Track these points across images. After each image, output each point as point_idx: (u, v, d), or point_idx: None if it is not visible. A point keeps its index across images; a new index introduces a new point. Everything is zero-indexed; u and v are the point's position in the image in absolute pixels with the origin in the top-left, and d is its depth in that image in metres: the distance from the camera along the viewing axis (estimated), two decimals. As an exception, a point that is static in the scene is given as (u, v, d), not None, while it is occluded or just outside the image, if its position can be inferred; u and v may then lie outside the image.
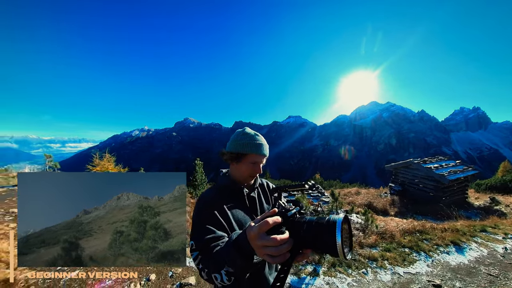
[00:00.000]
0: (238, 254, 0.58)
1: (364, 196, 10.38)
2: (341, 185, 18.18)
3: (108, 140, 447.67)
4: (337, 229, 0.43)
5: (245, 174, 0.99)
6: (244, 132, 0.99)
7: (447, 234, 4.00)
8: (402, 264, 3.08)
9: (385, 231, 3.82)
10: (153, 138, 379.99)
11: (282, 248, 0.48)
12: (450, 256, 3.39)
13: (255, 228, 0.50)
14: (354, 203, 9.31)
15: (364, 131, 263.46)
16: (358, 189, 12.83)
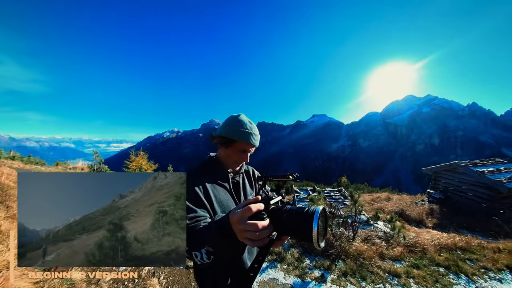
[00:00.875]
0: (220, 235, 0.61)
1: (396, 203, 9.35)
2: (370, 189, 16.72)
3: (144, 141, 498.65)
4: (314, 218, 0.49)
5: (232, 161, 1.01)
6: (238, 118, 0.97)
7: (502, 256, 3.24)
8: (433, 286, 2.60)
9: (415, 243, 3.33)
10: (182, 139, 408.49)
11: (262, 233, 0.52)
12: (503, 285, 2.72)
13: (238, 213, 0.54)
14: (382, 210, 8.46)
15: (399, 130, 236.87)
16: (389, 195, 11.63)
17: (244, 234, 0.53)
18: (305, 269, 2.90)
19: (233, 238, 0.59)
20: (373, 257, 2.95)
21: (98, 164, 13.06)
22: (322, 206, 0.53)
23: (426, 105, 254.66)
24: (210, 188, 0.93)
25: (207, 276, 0.95)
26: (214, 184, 0.96)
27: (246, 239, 0.54)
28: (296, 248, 3.53)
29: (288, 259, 3.19)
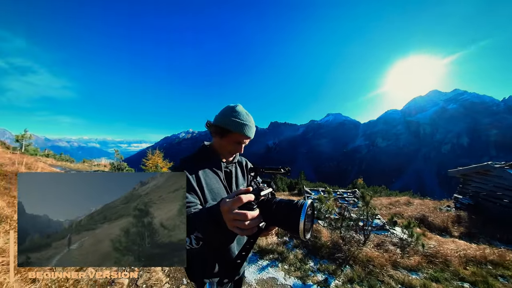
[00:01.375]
0: (210, 222, 0.63)
1: (417, 208, 8.65)
2: (388, 192, 15.70)
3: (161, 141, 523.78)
4: (302, 211, 0.51)
5: (226, 151, 1.02)
6: (235, 109, 0.96)
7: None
8: (456, 303, 2.31)
9: (436, 253, 2.99)
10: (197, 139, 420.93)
11: (251, 223, 0.54)
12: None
13: (229, 202, 0.56)
14: (401, 215, 7.88)
15: (422, 128, 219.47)
16: (410, 199, 10.82)
17: (234, 223, 0.55)
18: (307, 271, 2.75)
19: (223, 226, 0.60)
20: (385, 265, 2.69)
21: (118, 162, 14.27)
22: (310, 200, 0.55)
23: (453, 100, 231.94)
24: (202, 175, 0.95)
25: (195, 261, 0.97)
26: (206, 172, 0.98)
27: (235, 228, 0.55)
28: (300, 249, 3.39)
29: (290, 259, 3.06)
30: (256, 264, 3.00)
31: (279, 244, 3.58)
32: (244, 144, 1.02)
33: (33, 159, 10.23)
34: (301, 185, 19.81)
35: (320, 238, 3.61)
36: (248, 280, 2.65)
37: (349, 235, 3.59)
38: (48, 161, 13.13)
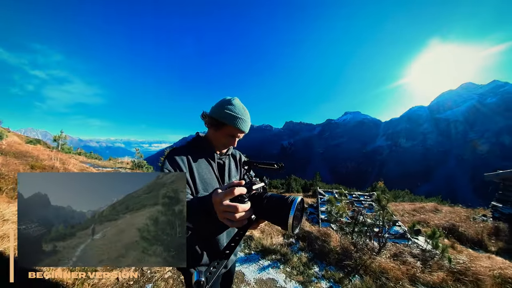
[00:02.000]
0: (201, 212, 0.66)
1: (445, 216, 7.81)
2: (412, 197, 14.47)
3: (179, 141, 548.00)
4: (292, 206, 0.52)
5: (220, 143, 1.02)
6: (232, 102, 0.95)
7: None
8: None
9: (465, 270, 2.60)
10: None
11: (242, 215, 0.55)
12: None
13: (221, 194, 0.57)
14: (426, 223, 7.17)
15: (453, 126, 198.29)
16: (437, 205, 9.84)
17: (224, 215, 0.56)
18: (311, 276, 2.56)
19: (213, 216, 0.61)
20: (401, 279, 2.39)
21: (139, 160, 15.46)
22: (300, 197, 0.56)
23: (492, 94, 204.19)
24: (194, 165, 0.95)
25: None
26: (199, 162, 0.98)
27: (225, 219, 0.57)
28: (306, 253, 3.20)
29: (294, 262, 2.90)
30: (257, 263, 2.90)
31: (283, 245, 3.44)
32: (238, 138, 1.01)
33: (67, 156, 11.34)
34: (315, 186, 19.20)
35: (329, 243, 3.39)
36: (247, 278, 2.57)
37: (362, 242, 3.32)
38: (79, 158, 14.48)
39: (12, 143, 9.57)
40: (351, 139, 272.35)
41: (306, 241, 3.57)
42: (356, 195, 9.11)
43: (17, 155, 7.32)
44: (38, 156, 7.86)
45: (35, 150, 9.50)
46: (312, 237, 3.62)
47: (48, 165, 6.93)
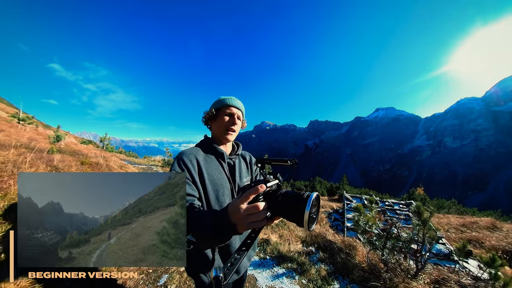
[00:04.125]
0: (211, 230, 0.62)
1: (507, 236, 6.39)
2: (461, 209, 12.32)
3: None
4: (308, 202, 0.52)
5: (222, 127, 1.04)
6: (220, 97, 1.07)
7: None
8: None
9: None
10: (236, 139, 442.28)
11: (261, 214, 0.56)
12: None
13: (237, 201, 0.57)
14: (479, 243, 6.00)
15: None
16: (496, 222, 8.11)
17: (248, 219, 0.55)
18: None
19: (229, 233, 0.60)
20: None
21: (168, 158, 17.00)
22: (316, 193, 0.56)
23: None
24: (204, 165, 0.96)
25: (193, 255, 0.95)
26: (208, 162, 0.99)
27: (249, 223, 0.56)
28: (326, 265, 2.93)
29: (311, 273, 2.67)
30: (271, 270, 2.78)
31: (302, 253, 3.24)
32: (236, 116, 1.04)
33: (110, 154, 12.97)
34: (342, 190, 17.99)
35: (353, 256, 3.06)
36: (259, 284, 2.48)
37: (394, 260, 2.91)
38: (120, 156, 16.50)
39: (68, 144, 11.33)
40: (383, 139, 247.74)
41: (328, 252, 3.30)
42: (390, 203, 8.20)
43: (71, 153, 8.62)
44: (87, 154, 9.13)
45: (85, 149, 11.09)
46: (334, 248, 3.34)
47: (94, 161, 7.98)
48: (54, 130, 10.80)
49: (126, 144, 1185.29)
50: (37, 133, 11.24)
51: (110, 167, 7.77)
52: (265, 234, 3.90)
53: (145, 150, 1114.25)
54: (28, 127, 13.05)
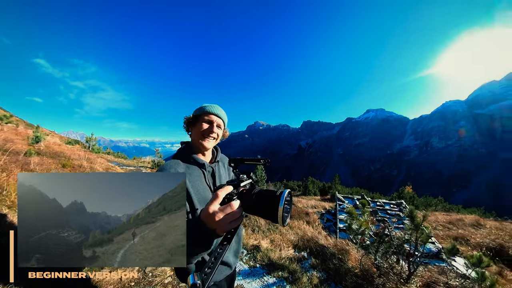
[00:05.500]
0: (192, 242, 0.62)
1: (491, 233, 6.68)
2: (447, 206, 12.81)
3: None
4: (281, 199, 0.53)
5: (199, 135, 1.02)
6: (202, 104, 1.07)
7: None
8: None
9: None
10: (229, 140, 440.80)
11: (237, 213, 0.56)
12: None
13: (208, 206, 0.56)
14: (465, 240, 6.20)
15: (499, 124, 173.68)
16: (480, 219, 8.50)
17: (225, 220, 0.54)
18: None
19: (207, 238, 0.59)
20: None
21: (158, 159, 16.44)
22: (288, 190, 0.57)
23: None
24: (187, 178, 0.94)
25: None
26: (191, 173, 0.98)
27: (228, 224, 0.55)
28: (318, 272, 2.88)
29: (303, 282, 2.61)
30: (261, 279, 2.68)
31: (293, 259, 3.16)
32: (216, 124, 1.03)
33: (96, 156, 12.40)
34: (334, 190, 18.20)
35: (346, 261, 3.02)
36: None
37: (387, 264, 2.89)
38: (108, 157, 15.81)
39: (50, 145, 10.70)
40: (374, 139, 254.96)
41: (320, 258, 3.24)
42: (381, 203, 8.33)
43: (52, 155, 8.11)
44: (70, 156, 8.65)
45: (69, 150, 10.52)
46: (327, 253, 3.28)
47: (77, 164, 7.57)
48: (33, 130, 10.16)
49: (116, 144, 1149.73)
50: (15, 133, 10.53)
51: (94, 169, 7.35)
52: (256, 239, 3.80)
53: (136, 150, 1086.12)
54: (5, 127, 12.23)
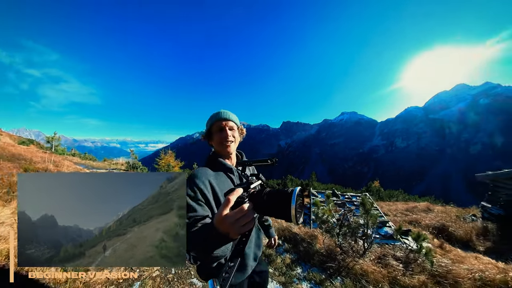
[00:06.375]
0: (207, 247, 0.63)
1: (437, 216, 7.89)
2: (406, 197, 14.60)
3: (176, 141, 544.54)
4: (293, 197, 0.52)
5: (218, 144, 1.05)
6: (211, 115, 1.09)
7: None
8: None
9: (446, 273, 2.60)
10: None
11: (249, 215, 0.55)
12: None
13: (220, 210, 0.56)
14: (418, 223, 7.23)
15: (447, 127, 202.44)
16: (430, 205, 9.94)
17: (237, 224, 0.54)
18: (293, 277, 2.56)
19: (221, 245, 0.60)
20: (381, 282, 2.38)
21: (133, 161, 15.18)
22: (299, 187, 0.55)
23: (484, 95, 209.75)
24: (217, 185, 0.95)
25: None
26: (219, 180, 0.99)
27: (241, 228, 0.55)
28: (290, 254, 3.19)
29: (277, 263, 2.90)
30: None
31: (269, 246, 3.45)
32: (228, 127, 1.04)
33: (61, 158, 11.11)
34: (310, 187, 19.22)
35: (314, 244, 3.37)
36: None
37: (347, 244, 3.30)
38: (73, 159, 14.20)
39: (5, 146, 9.33)
40: (348, 139, 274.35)
41: (292, 243, 3.54)
42: (349, 195, 9.15)
43: (10, 158, 7.13)
44: (31, 158, 7.68)
45: (28, 152, 9.28)
46: (298, 239, 3.60)
47: (42, 167, 6.78)
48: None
49: (80, 144, 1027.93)
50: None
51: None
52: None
53: (105, 151, 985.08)
54: None
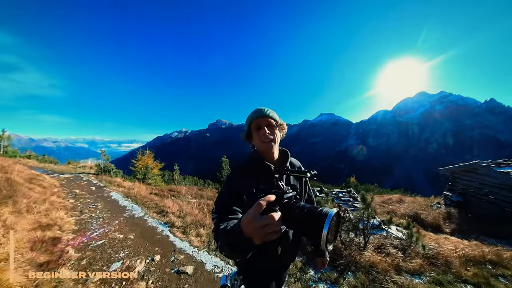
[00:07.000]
0: (229, 247, 0.63)
1: (409, 206, 8.79)
2: (380, 190, 16.01)
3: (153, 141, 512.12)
4: (326, 221, 0.47)
5: (258, 143, 1.02)
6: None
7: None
8: (462, 308, 2.19)
9: (436, 254, 2.93)
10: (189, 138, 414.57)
11: (276, 225, 0.52)
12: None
13: (249, 212, 0.54)
14: (394, 213, 7.96)
15: (410, 128, 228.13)
16: (402, 197, 11.02)
17: (263, 231, 0.52)
18: (308, 281, 2.55)
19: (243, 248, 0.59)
20: (388, 270, 2.56)
21: (105, 163, 13.58)
22: (336, 209, 0.51)
23: (439, 102, 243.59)
24: (254, 183, 0.92)
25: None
26: (260, 181, 0.96)
27: (266, 235, 0.53)
28: (299, 257, 3.22)
29: (289, 268, 2.88)
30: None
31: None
32: (267, 124, 1.01)
33: (11, 161, 9.55)
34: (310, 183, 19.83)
35: (318, 242, 3.48)
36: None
37: (349, 239, 3.48)
38: (29, 162, 12.30)
39: None
40: (326, 139, 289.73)
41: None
42: (336, 191, 9.64)
43: None
44: None
45: None
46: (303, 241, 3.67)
47: None
48: None
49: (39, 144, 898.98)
50: None
51: (11, 182, 5.19)
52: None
53: (69, 152, 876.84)
54: None
